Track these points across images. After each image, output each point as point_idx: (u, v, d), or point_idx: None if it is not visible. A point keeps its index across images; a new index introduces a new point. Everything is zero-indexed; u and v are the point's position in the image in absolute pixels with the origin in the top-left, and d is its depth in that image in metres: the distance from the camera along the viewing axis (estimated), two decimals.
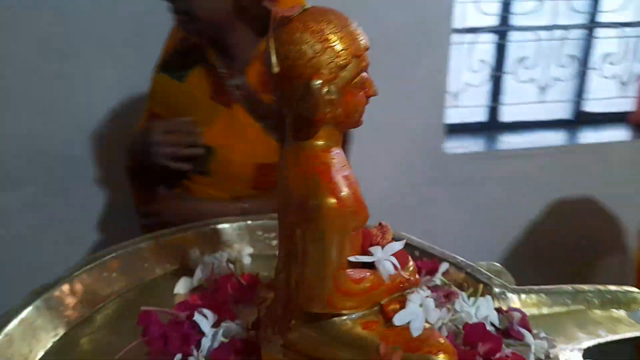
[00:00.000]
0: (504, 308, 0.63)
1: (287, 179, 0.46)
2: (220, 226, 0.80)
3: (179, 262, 0.75)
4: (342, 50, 0.42)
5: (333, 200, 0.41)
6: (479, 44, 2.01)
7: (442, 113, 1.85)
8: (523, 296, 0.66)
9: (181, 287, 0.70)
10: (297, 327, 0.49)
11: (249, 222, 0.81)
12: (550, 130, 2.09)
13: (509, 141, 2.05)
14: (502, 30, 2.02)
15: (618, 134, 2.04)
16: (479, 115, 2.12)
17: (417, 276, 0.51)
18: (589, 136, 2.05)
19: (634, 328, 0.61)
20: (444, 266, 0.69)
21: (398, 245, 0.51)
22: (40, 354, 0.60)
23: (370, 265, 0.48)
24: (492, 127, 2.12)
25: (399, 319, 0.45)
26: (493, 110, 2.12)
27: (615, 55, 2.05)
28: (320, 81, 0.42)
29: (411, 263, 0.51)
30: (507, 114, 2.12)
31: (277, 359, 0.51)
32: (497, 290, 0.66)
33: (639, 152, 1.96)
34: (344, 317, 0.47)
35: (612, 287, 0.67)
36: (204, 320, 0.58)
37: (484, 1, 1.97)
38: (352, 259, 0.46)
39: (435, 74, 1.79)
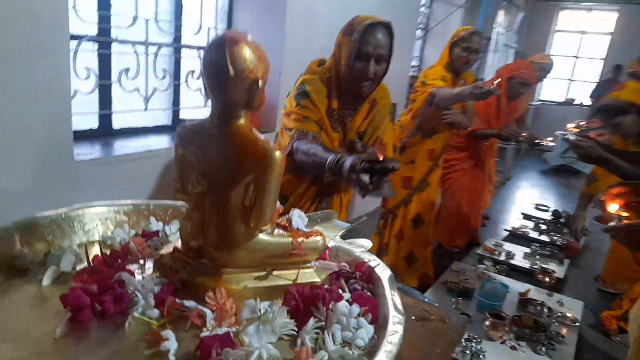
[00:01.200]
0: None
1: (236, 149, 0.73)
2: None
3: None
4: (267, 64, 0.75)
5: (279, 153, 0.73)
6: (82, 51, 2.22)
7: (69, 120, 1.98)
8: None
9: (48, 277, 0.76)
10: (229, 251, 0.76)
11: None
12: (154, 135, 2.53)
13: (122, 146, 2.36)
14: (105, 41, 2.30)
15: None
16: (91, 122, 2.33)
17: None
18: None
19: (340, 228, 1.15)
20: None
21: None
22: None
23: None
24: (105, 133, 2.37)
25: (294, 224, 0.82)
26: (105, 118, 2.37)
27: (197, 72, 2.70)
28: (262, 82, 0.73)
29: None
30: (117, 121, 2.42)
31: (217, 278, 0.76)
32: None
33: None
34: (263, 235, 0.78)
35: (319, 212, 1.20)
36: (132, 277, 0.73)
37: (84, 10, 2.19)
38: None
39: (58, 80, 1.91)
